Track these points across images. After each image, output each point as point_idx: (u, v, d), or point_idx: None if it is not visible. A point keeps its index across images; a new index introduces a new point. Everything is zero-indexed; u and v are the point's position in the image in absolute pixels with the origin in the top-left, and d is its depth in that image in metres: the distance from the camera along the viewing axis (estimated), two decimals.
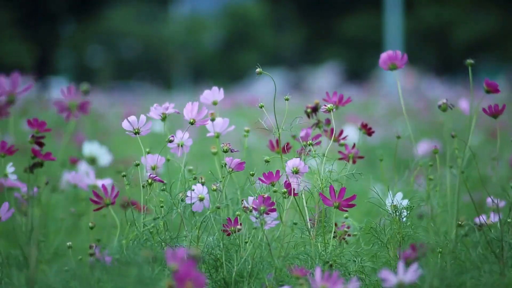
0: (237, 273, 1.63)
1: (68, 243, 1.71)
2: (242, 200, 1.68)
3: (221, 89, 1.83)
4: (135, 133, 1.71)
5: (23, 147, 2.05)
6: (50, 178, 1.77)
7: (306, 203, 1.70)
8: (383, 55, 1.78)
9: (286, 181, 1.68)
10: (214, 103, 1.83)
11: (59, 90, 1.57)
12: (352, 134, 1.98)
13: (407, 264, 1.50)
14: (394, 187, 1.80)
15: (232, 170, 1.69)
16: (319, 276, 1.44)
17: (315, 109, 1.85)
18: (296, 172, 1.67)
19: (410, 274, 1.41)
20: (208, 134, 1.84)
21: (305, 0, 26.88)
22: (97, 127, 6.52)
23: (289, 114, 1.74)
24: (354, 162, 1.84)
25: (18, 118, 4.74)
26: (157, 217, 1.65)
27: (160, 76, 24.18)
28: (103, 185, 1.69)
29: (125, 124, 1.71)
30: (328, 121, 1.85)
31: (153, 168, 1.72)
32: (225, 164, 1.69)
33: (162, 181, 1.69)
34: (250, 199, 1.67)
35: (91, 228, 1.73)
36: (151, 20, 25.94)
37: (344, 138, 1.84)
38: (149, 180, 1.68)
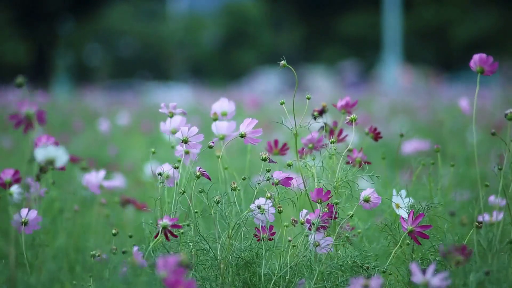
0: (269, 279, 1.61)
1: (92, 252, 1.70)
2: (293, 219, 1.66)
3: (232, 102, 1.83)
4: (184, 142, 1.70)
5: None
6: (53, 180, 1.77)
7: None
8: (475, 56, 1.72)
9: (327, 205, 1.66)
10: (223, 114, 1.82)
11: (16, 102, 1.57)
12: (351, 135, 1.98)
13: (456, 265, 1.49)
14: (397, 186, 1.79)
15: (278, 182, 1.66)
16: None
17: (322, 112, 1.83)
18: (367, 200, 1.65)
19: (437, 280, 1.42)
20: (214, 139, 1.82)
21: None
22: (96, 126, 6.52)
23: (289, 113, 1.73)
24: (360, 166, 1.82)
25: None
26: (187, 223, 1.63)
27: (158, 74, 24.16)
28: (167, 216, 1.66)
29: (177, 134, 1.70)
30: (335, 124, 1.83)
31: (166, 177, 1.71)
32: (269, 177, 1.66)
33: (209, 178, 1.67)
34: (304, 212, 1.66)
35: (114, 234, 1.66)
36: (149, 18, 25.92)
37: (343, 139, 1.83)
38: (198, 174, 1.65)
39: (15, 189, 1.73)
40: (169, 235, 1.56)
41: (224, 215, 1.64)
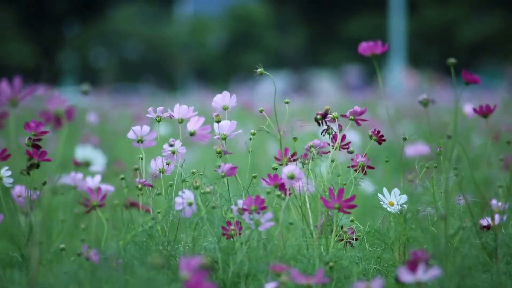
0: (235, 274, 1.63)
1: (61, 246, 1.72)
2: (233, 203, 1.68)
3: (233, 95, 1.84)
4: (138, 141, 1.76)
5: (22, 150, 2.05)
6: (49, 179, 1.77)
7: (310, 206, 1.70)
8: (363, 44, 1.79)
9: (281, 184, 1.67)
10: (225, 108, 1.83)
11: (45, 98, 1.58)
12: (353, 138, 1.98)
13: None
14: (400, 189, 1.79)
15: (224, 175, 1.70)
16: (298, 274, 1.45)
17: (325, 116, 1.84)
18: (291, 177, 1.66)
19: (428, 275, 1.42)
20: (215, 137, 1.83)
21: (308, 2, 26.88)
22: (101, 128, 6.53)
23: (293, 115, 1.75)
24: (363, 170, 1.81)
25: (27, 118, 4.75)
26: (154, 219, 1.66)
27: (164, 77, 24.20)
28: (89, 188, 1.72)
29: (130, 134, 1.75)
30: (339, 127, 1.83)
31: (161, 172, 1.74)
32: (219, 166, 1.70)
33: (151, 186, 1.72)
34: (240, 201, 1.67)
35: (84, 229, 1.75)
36: (155, 21, 25.97)
37: (346, 145, 1.82)
38: (140, 185, 1.72)
39: (4, 172, 1.74)
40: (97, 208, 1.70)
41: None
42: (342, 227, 1.73)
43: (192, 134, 1.78)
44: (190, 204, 1.65)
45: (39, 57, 23.30)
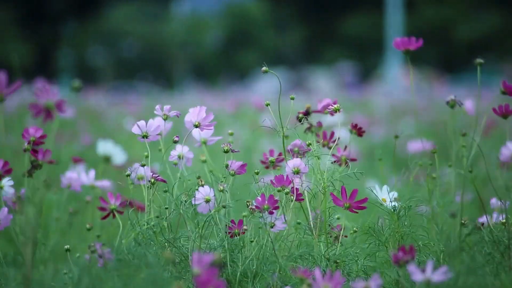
0: (241, 273, 1.63)
1: (66, 246, 1.71)
2: (248, 202, 1.67)
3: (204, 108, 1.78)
4: (143, 137, 1.71)
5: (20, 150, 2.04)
6: (49, 178, 1.76)
7: (310, 203, 1.71)
8: (397, 40, 1.80)
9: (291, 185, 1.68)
10: (196, 126, 1.76)
11: (33, 91, 1.55)
12: (343, 135, 1.97)
13: (400, 266, 1.50)
14: (394, 186, 1.79)
15: (234, 173, 1.70)
16: (319, 276, 1.44)
17: (306, 114, 1.84)
18: (297, 172, 1.67)
19: (438, 275, 1.42)
20: (196, 145, 1.82)
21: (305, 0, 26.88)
22: (98, 127, 6.52)
23: (293, 112, 1.74)
24: (346, 164, 1.81)
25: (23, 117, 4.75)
26: (160, 217, 1.65)
27: (161, 75, 24.18)
28: (109, 193, 1.69)
29: (134, 128, 1.70)
30: (319, 124, 1.85)
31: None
32: (227, 165, 1.70)
33: (164, 181, 1.69)
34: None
35: (89, 229, 1.73)
36: (152, 19, 25.95)
37: (334, 141, 1.83)
38: (152, 180, 1.68)
39: (6, 182, 1.72)
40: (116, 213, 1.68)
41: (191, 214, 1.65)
42: (330, 227, 1.73)
43: (197, 126, 1.73)
44: (207, 201, 1.66)
45: (37, 56, 23.28)
